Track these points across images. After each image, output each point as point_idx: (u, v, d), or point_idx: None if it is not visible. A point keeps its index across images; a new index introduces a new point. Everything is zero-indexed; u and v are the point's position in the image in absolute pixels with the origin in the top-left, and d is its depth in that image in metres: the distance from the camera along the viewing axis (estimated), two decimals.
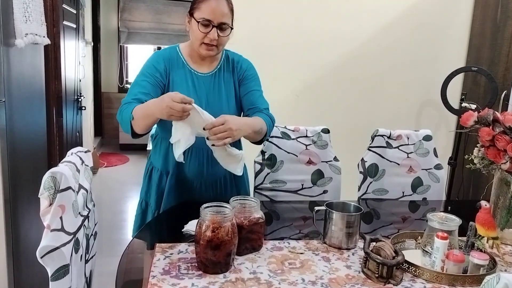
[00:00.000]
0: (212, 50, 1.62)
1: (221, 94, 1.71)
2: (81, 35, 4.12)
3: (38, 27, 2.01)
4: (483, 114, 1.45)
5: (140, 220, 1.81)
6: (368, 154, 2.08)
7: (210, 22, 1.57)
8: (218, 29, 1.58)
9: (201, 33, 1.58)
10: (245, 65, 1.78)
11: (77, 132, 3.62)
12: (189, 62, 1.70)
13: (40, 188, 1.08)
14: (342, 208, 1.46)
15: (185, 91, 1.65)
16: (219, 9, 1.57)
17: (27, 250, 1.91)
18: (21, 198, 1.88)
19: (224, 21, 1.59)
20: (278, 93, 3.05)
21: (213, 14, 1.57)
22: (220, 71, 1.74)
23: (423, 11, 3.12)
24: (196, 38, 1.61)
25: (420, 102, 3.29)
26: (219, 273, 1.19)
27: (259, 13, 2.95)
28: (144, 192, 1.81)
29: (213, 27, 1.57)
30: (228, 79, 1.74)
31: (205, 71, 1.71)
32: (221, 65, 1.75)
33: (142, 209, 1.81)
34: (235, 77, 1.76)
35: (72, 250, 1.14)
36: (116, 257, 1.32)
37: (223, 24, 1.59)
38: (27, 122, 2.05)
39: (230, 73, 1.75)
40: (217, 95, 1.70)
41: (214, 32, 1.58)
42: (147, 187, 1.79)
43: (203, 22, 1.57)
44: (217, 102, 1.70)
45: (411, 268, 1.25)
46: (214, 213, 1.21)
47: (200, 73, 1.70)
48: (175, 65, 1.68)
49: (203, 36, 1.59)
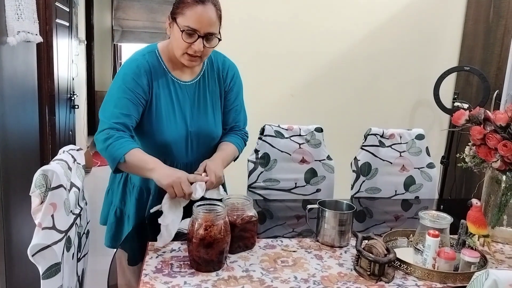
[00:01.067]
0: (195, 61, 1.46)
1: (206, 106, 1.57)
2: (74, 34, 4.10)
3: (30, 25, 2.00)
4: (475, 113, 1.47)
5: (114, 229, 1.65)
6: (361, 153, 2.09)
7: (196, 32, 1.39)
8: (204, 39, 1.40)
9: (185, 42, 1.40)
10: (231, 72, 1.63)
11: (70, 131, 3.60)
12: (170, 69, 1.53)
13: (31, 186, 1.08)
14: (334, 206, 1.47)
15: (170, 105, 1.51)
16: (206, 17, 1.38)
17: (20, 248, 1.90)
18: (13, 196, 1.87)
19: (212, 31, 1.41)
20: (273, 93, 3.06)
21: (199, 23, 1.38)
22: (204, 78, 1.58)
23: (416, 12, 3.14)
24: (178, 47, 1.42)
25: (414, 102, 3.30)
26: (211, 271, 1.19)
27: (254, 13, 2.95)
28: (118, 200, 1.64)
29: (198, 37, 1.39)
30: (213, 88, 1.60)
31: (187, 79, 1.55)
32: (205, 70, 1.59)
33: (116, 218, 1.64)
34: (221, 86, 1.62)
35: (63, 248, 1.14)
36: (110, 256, 1.32)
37: (210, 35, 1.41)
38: (20, 121, 2.04)
39: (215, 81, 1.60)
40: (202, 107, 1.57)
41: (199, 43, 1.39)
42: (121, 195, 1.63)
43: (188, 31, 1.39)
44: (203, 115, 1.57)
45: (403, 265, 1.26)
46: (207, 212, 1.21)
47: (183, 82, 1.54)
48: (157, 74, 1.50)
49: (186, 46, 1.40)
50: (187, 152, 1.57)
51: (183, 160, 1.57)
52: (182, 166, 1.55)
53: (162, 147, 1.52)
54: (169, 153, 1.54)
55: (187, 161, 1.58)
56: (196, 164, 1.50)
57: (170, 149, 1.53)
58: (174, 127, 1.51)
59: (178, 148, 1.55)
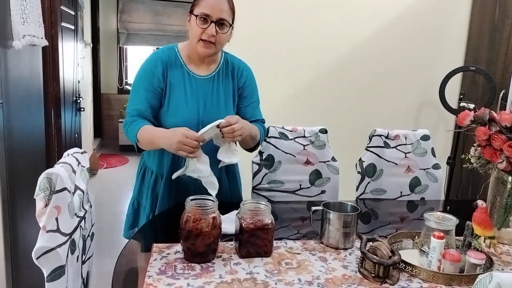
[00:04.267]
0: (210, 48, 1.60)
1: (219, 99, 1.70)
2: (80, 37, 4.12)
3: (35, 29, 2.02)
4: (479, 114, 1.45)
5: (131, 220, 1.80)
6: (366, 154, 2.08)
7: (209, 17, 1.56)
8: (217, 25, 1.56)
9: (199, 28, 1.57)
10: (245, 72, 1.77)
11: (76, 134, 3.62)
12: (187, 63, 1.68)
13: (36, 189, 1.09)
14: (339, 208, 1.46)
15: (183, 94, 1.65)
16: (218, 5, 1.56)
17: (26, 251, 1.91)
18: (19, 199, 1.88)
19: (223, 17, 1.57)
20: (277, 94, 3.06)
21: (211, 9, 1.55)
22: (219, 75, 1.71)
23: (421, 12, 3.12)
24: (195, 34, 1.59)
25: (419, 102, 3.28)
26: (199, 262, 1.24)
27: (258, 14, 2.95)
28: (136, 192, 1.80)
29: (211, 22, 1.56)
30: (227, 84, 1.72)
31: (203, 74, 1.69)
32: (220, 68, 1.72)
33: (134, 209, 1.80)
34: (235, 83, 1.74)
35: (68, 251, 1.14)
36: (115, 258, 1.32)
37: (221, 20, 1.57)
38: (25, 124, 2.05)
39: (229, 78, 1.73)
40: (215, 99, 1.69)
41: (212, 27, 1.56)
42: (139, 187, 1.79)
43: (202, 16, 1.56)
44: (215, 106, 1.68)
45: (408, 267, 1.25)
46: (197, 205, 1.26)
47: (198, 76, 1.68)
48: (173, 66, 1.66)
49: (201, 32, 1.57)
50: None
51: None
52: None
53: None
54: None
55: None
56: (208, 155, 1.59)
57: None
58: (186, 112, 1.64)
59: None
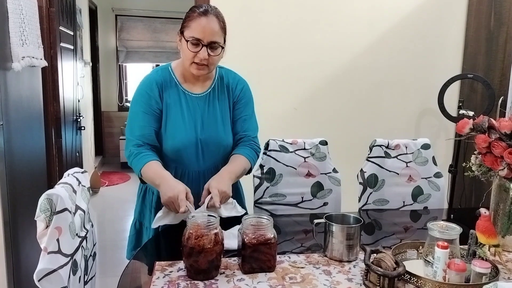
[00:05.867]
0: (203, 70, 1.59)
1: (216, 116, 1.69)
2: (79, 56, 4.15)
3: (35, 50, 2.04)
4: (478, 122, 1.45)
5: (134, 241, 1.77)
6: (367, 165, 2.08)
7: (200, 41, 1.53)
8: (208, 48, 1.54)
9: (191, 52, 1.55)
10: (240, 85, 1.75)
11: (77, 152, 3.63)
12: (181, 82, 1.67)
13: (37, 211, 1.08)
14: (341, 220, 1.45)
15: (179, 113, 1.63)
16: (209, 28, 1.53)
17: (28, 272, 1.90)
18: (21, 220, 1.88)
19: (215, 40, 1.55)
20: (276, 107, 3.07)
21: (202, 33, 1.53)
22: (214, 92, 1.70)
23: (417, 22, 3.15)
24: (187, 57, 1.58)
25: (419, 111, 3.29)
26: (202, 279, 1.23)
27: (256, 29, 2.97)
28: (137, 212, 1.78)
29: (202, 46, 1.54)
30: (223, 100, 1.71)
31: (198, 92, 1.68)
32: (215, 84, 1.71)
33: (136, 230, 1.78)
34: (230, 98, 1.73)
35: (70, 272, 1.13)
36: (118, 277, 1.31)
37: (213, 43, 1.55)
38: (26, 144, 2.06)
39: (225, 94, 1.72)
40: (212, 117, 1.68)
41: (204, 51, 1.54)
42: (140, 207, 1.77)
43: (193, 41, 1.54)
44: (213, 124, 1.67)
45: (413, 279, 1.24)
46: (199, 222, 1.25)
47: (194, 94, 1.67)
48: (168, 86, 1.65)
49: (193, 56, 1.55)
50: (198, 160, 1.67)
51: (194, 168, 1.67)
52: (194, 174, 1.67)
53: (173, 153, 1.64)
54: (180, 159, 1.65)
55: (198, 169, 1.68)
56: (208, 173, 1.63)
57: (181, 155, 1.64)
58: (184, 133, 1.62)
59: (188, 154, 1.65)
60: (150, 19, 6.38)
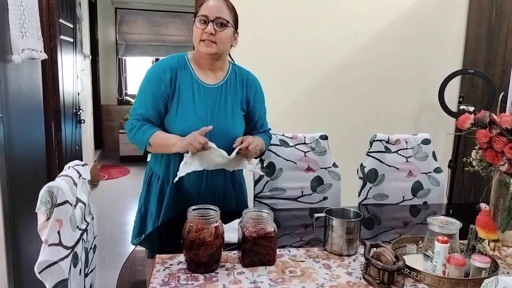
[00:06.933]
0: (211, 47, 1.63)
1: (227, 108, 1.72)
2: (79, 49, 4.14)
3: (34, 42, 2.03)
4: (480, 117, 1.45)
5: (139, 226, 1.82)
6: (367, 160, 2.08)
7: (207, 18, 1.61)
8: (215, 24, 1.61)
9: (199, 29, 1.62)
10: (255, 85, 1.81)
11: (76, 146, 3.62)
12: (196, 71, 1.71)
13: (37, 203, 1.08)
14: (341, 215, 1.46)
15: (191, 100, 1.67)
16: (215, 6, 1.62)
17: (28, 265, 1.91)
18: (21, 213, 1.88)
19: (220, 15, 1.61)
20: (277, 102, 3.05)
21: (208, 10, 1.61)
22: (227, 84, 1.74)
23: (418, 16, 3.14)
24: (196, 37, 1.64)
25: (419, 106, 3.29)
26: (203, 272, 1.24)
27: (256, 23, 2.96)
28: (143, 198, 1.82)
29: (209, 21, 1.61)
30: (235, 94, 1.75)
31: (212, 83, 1.72)
32: (228, 78, 1.75)
33: (141, 215, 1.82)
34: (244, 95, 1.77)
35: (70, 264, 1.14)
36: (118, 270, 1.32)
37: (219, 19, 1.61)
38: (26, 137, 2.05)
39: (237, 89, 1.76)
40: (223, 108, 1.71)
41: (210, 26, 1.60)
42: (146, 193, 1.81)
43: (200, 18, 1.62)
44: (222, 115, 1.71)
45: (413, 273, 1.24)
46: (199, 215, 1.26)
47: (207, 84, 1.71)
48: (182, 71, 1.69)
49: (201, 32, 1.62)
50: None
51: None
52: None
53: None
54: None
55: None
56: None
57: None
58: (195, 119, 1.66)
59: None
60: (150, 12, 6.35)
